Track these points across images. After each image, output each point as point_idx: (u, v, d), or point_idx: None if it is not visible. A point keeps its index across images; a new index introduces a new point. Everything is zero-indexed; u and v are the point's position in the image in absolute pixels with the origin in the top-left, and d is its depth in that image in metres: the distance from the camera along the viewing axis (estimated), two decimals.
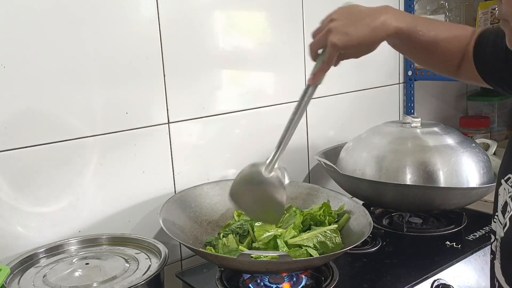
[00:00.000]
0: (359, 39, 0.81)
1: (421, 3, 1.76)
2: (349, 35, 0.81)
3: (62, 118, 1.04)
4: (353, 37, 0.81)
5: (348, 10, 0.85)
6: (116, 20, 1.09)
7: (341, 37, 0.81)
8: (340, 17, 0.84)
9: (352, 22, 0.82)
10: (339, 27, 0.82)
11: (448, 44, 0.87)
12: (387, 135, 1.29)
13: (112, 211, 1.14)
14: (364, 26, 0.81)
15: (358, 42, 0.81)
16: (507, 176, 0.72)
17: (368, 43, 0.82)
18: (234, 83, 1.33)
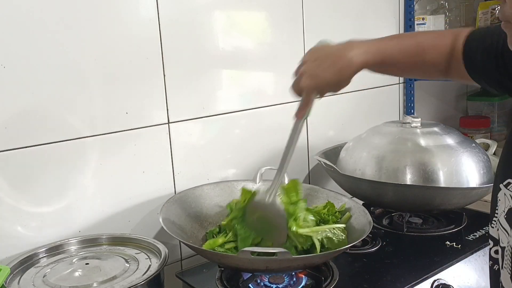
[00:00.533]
0: (328, 80, 0.87)
1: (421, 3, 1.76)
2: (318, 77, 0.87)
3: (62, 118, 1.04)
4: (322, 79, 0.87)
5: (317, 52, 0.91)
6: (116, 20, 1.09)
7: (311, 80, 0.87)
8: (310, 60, 0.89)
9: (320, 65, 0.88)
10: (309, 71, 0.88)
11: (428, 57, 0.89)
12: (387, 135, 1.29)
13: (112, 211, 1.14)
14: (331, 67, 0.87)
15: (327, 82, 0.88)
16: (506, 181, 0.72)
17: (338, 82, 0.88)
18: (234, 83, 1.33)
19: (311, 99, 0.90)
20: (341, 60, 0.87)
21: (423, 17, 1.71)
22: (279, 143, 1.43)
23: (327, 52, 0.90)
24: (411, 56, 0.90)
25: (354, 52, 0.87)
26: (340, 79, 0.88)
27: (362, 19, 1.61)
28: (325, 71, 0.87)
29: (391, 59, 0.90)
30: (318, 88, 0.89)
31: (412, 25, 1.73)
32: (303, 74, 0.88)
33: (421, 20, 1.71)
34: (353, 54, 0.87)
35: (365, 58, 0.87)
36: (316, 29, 1.47)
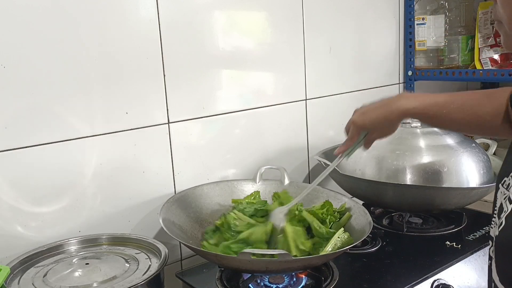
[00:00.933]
0: (374, 119, 0.96)
1: (421, 3, 1.76)
2: (366, 115, 0.97)
3: (62, 118, 1.04)
4: (369, 117, 0.97)
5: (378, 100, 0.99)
6: (116, 20, 1.09)
7: (359, 117, 0.98)
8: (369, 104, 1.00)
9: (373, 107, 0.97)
10: (360, 110, 0.99)
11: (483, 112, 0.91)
12: None
13: (112, 211, 1.14)
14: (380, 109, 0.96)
15: (372, 121, 0.96)
16: (503, 180, 0.74)
17: (382, 123, 0.96)
18: (234, 83, 1.33)
19: (355, 135, 0.99)
20: (389, 105, 0.94)
21: (423, 17, 1.71)
22: (279, 143, 1.44)
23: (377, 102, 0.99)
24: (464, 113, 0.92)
25: (403, 99, 0.94)
26: (385, 121, 0.95)
27: (362, 19, 1.62)
28: (374, 110, 0.96)
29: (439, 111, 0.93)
30: (364, 125, 0.97)
31: (412, 25, 1.73)
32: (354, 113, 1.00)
33: (421, 20, 1.71)
34: (402, 100, 0.94)
35: (412, 104, 0.92)
36: (316, 29, 1.47)
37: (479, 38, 1.66)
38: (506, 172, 0.74)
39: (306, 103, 1.49)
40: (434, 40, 1.72)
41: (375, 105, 0.97)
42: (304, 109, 1.49)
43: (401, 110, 0.93)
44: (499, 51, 1.63)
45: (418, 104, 0.92)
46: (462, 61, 1.71)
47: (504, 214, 0.70)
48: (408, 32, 1.74)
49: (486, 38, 1.65)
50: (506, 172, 0.74)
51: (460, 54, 1.72)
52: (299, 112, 1.48)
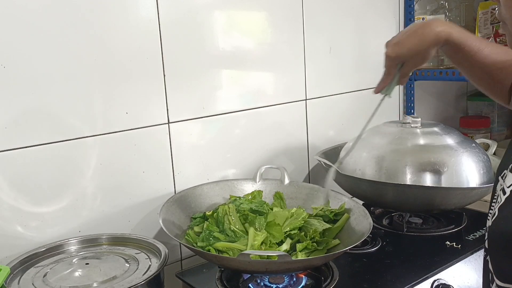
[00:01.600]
0: (409, 47, 0.91)
1: (421, 3, 1.76)
2: (400, 45, 0.92)
3: (62, 118, 1.04)
4: (403, 46, 0.92)
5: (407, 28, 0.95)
6: (116, 20, 1.09)
7: (393, 48, 0.93)
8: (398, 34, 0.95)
9: (405, 35, 0.93)
10: (394, 41, 0.94)
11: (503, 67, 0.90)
12: (387, 135, 1.29)
13: (112, 211, 1.14)
14: (414, 35, 0.91)
15: (408, 49, 0.91)
16: (503, 172, 0.74)
17: (419, 50, 0.91)
18: (234, 83, 1.33)
19: (392, 69, 0.94)
20: (424, 29, 0.90)
21: (423, 17, 1.71)
22: (279, 143, 1.44)
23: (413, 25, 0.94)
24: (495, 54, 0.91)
25: (439, 25, 0.90)
26: (421, 47, 0.91)
27: (362, 19, 1.62)
28: (408, 38, 0.91)
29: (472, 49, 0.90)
30: (399, 55, 0.92)
31: None
32: (388, 45, 0.94)
33: (421, 20, 1.71)
34: (437, 26, 0.90)
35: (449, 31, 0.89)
36: (316, 29, 1.47)
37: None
38: (506, 165, 0.74)
39: (306, 103, 1.49)
40: None
41: (407, 33, 0.93)
42: (304, 109, 1.49)
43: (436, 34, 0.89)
44: None
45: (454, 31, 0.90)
46: None
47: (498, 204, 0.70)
48: None
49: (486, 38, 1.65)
50: (506, 165, 0.74)
51: None
52: (299, 112, 1.48)
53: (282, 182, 1.26)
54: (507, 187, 0.69)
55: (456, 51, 0.93)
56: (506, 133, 2.03)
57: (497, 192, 0.74)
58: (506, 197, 0.68)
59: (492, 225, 0.70)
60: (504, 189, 0.70)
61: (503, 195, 0.69)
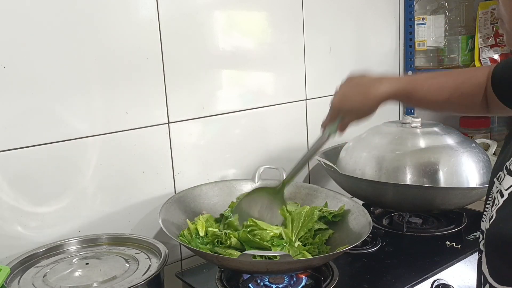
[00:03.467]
0: (353, 102, 0.97)
1: (421, 3, 1.76)
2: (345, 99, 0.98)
3: (62, 118, 1.04)
4: (348, 101, 0.97)
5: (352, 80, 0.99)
6: (116, 20, 1.09)
7: (338, 99, 0.99)
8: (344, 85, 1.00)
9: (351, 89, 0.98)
10: (340, 92, 0.99)
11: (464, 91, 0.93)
12: (387, 135, 1.29)
13: (112, 211, 1.14)
14: (359, 92, 0.96)
15: (350, 106, 0.97)
16: (498, 174, 0.74)
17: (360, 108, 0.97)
18: (234, 83, 1.33)
19: (335, 117, 1.00)
20: (368, 89, 0.95)
21: (423, 17, 1.71)
22: (279, 143, 1.44)
23: (360, 81, 0.98)
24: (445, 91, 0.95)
25: (383, 83, 0.95)
26: (363, 105, 0.96)
27: (362, 19, 1.62)
28: (352, 94, 0.97)
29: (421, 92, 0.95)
30: (342, 108, 0.98)
31: (412, 25, 1.73)
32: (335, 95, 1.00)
33: (421, 20, 1.72)
34: (381, 85, 0.95)
35: (391, 89, 0.94)
36: (316, 29, 1.47)
37: (479, 38, 1.66)
38: (500, 166, 0.74)
39: (306, 103, 1.49)
40: (434, 40, 1.72)
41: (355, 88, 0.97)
42: (304, 109, 1.49)
43: (379, 96, 0.94)
44: (499, 51, 1.63)
45: (396, 89, 0.94)
46: (462, 61, 1.71)
47: (496, 207, 0.70)
48: (408, 32, 1.74)
49: (486, 38, 1.65)
50: (500, 166, 0.74)
51: (460, 54, 1.72)
52: (299, 112, 1.48)
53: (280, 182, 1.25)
54: (505, 189, 0.69)
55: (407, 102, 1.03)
56: (506, 133, 2.02)
57: (493, 194, 0.74)
58: (504, 200, 0.68)
59: (490, 228, 0.70)
60: (501, 191, 0.69)
61: (501, 198, 0.69)
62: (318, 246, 1.07)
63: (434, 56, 1.78)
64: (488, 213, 0.74)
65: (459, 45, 1.72)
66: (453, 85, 0.94)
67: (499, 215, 0.68)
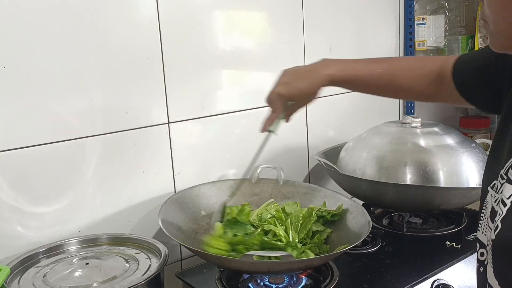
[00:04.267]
0: (299, 88, 0.96)
1: (421, 3, 1.76)
2: (290, 85, 0.96)
3: (62, 118, 1.04)
4: (291, 86, 0.96)
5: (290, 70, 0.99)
6: (116, 20, 1.09)
7: (281, 87, 0.96)
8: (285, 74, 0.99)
9: (293, 76, 0.97)
10: (283, 80, 0.97)
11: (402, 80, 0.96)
12: (387, 135, 1.29)
13: (112, 211, 1.14)
14: (301, 77, 0.96)
15: (299, 90, 0.96)
16: (492, 183, 0.73)
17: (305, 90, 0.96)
18: (234, 83, 1.33)
19: (279, 107, 0.98)
20: (310, 72, 0.96)
21: (423, 17, 1.71)
22: (279, 143, 1.44)
23: (299, 69, 0.99)
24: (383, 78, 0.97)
25: (324, 67, 0.96)
26: (307, 88, 0.96)
27: (362, 19, 1.62)
28: (295, 80, 0.96)
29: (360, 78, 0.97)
30: (291, 94, 0.96)
31: (412, 25, 1.73)
32: (277, 84, 0.97)
33: (421, 20, 1.72)
34: (322, 68, 0.96)
35: (332, 72, 0.95)
36: (316, 29, 1.47)
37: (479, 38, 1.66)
38: (494, 175, 0.73)
39: None
40: (434, 40, 1.72)
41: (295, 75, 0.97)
42: (304, 109, 1.49)
43: (324, 77, 0.95)
44: None
45: (339, 71, 0.95)
46: None
47: (499, 217, 0.69)
48: (408, 32, 1.75)
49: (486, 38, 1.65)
50: (494, 175, 0.73)
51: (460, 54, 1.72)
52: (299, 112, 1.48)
53: (278, 181, 1.26)
54: (507, 198, 0.68)
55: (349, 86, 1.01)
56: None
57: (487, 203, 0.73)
58: (507, 209, 0.67)
59: (496, 238, 0.69)
60: (503, 200, 0.69)
61: (503, 207, 0.68)
62: (318, 245, 1.07)
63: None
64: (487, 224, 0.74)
65: (459, 45, 1.72)
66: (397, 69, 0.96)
67: (504, 225, 0.68)
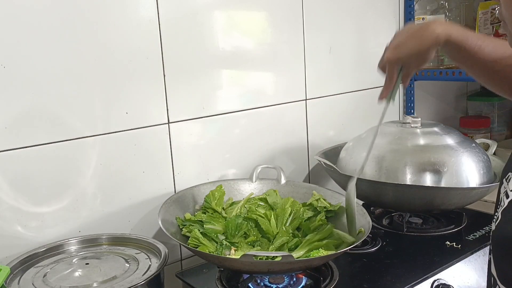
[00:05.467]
0: (409, 49, 0.91)
1: (421, 3, 1.76)
2: (400, 48, 0.92)
3: (62, 118, 1.04)
4: (404, 49, 0.91)
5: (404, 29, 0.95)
6: (116, 20, 1.09)
7: (393, 51, 0.92)
8: (396, 36, 0.95)
9: (405, 37, 0.92)
10: (393, 44, 0.93)
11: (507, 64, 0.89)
12: (387, 135, 1.29)
13: (112, 211, 1.14)
14: (413, 37, 0.91)
15: (409, 52, 0.91)
16: (507, 175, 0.73)
17: (418, 52, 0.91)
18: (234, 83, 1.33)
19: (394, 73, 0.93)
20: (423, 31, 0.89)
21: (423, 17, 1.71)
22: (279, 143, 1.44)
23: (410, 28, 0.93)
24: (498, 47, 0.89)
25: (439, 26, 0.89)
26: (421, 48, 0.90)
27: (362, 19, 1.62)
28: (407, 41, 0.91)
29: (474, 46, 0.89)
30: (400, 58, 0.92)
31: None
32: (388, 48, 0.93)
33: (421, 20, 1.71)
34: (437, 26, 0.89)
35: (449, 31, 0.88)
36: (316, 29, 1.47)
37: None
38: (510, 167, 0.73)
39: (306, 103, 1.49)
40: None
41: (406, 35, 0.92)
42: (304, 109, 1.49)
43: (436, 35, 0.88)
44: None
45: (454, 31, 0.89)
46: None
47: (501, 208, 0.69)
48: None
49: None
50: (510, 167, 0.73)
51: None
52: (299, 112, 1.48)
53: (278, 181, 1.26)
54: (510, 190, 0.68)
55: (457, 51, 0.92)
56: (506, 133, 2.03)
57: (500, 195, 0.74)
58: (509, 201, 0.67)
59: (495, 230, 0.70)
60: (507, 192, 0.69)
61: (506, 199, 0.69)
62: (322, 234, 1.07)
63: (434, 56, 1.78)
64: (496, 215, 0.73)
65: None
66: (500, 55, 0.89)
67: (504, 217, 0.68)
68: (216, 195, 1.17)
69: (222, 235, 1.08)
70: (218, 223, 1.09)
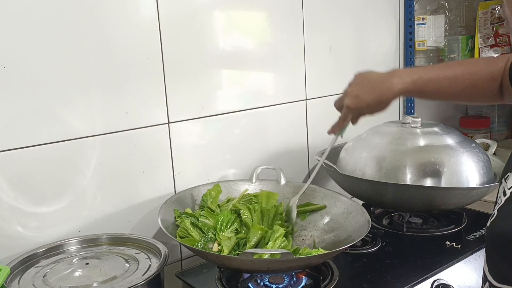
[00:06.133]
0: (368, 101, 0.96)
1: (421, 3, 1.76)
2: (359, 98, 0.97)
3: (62, 118, 1.04)
4: (363, 100, 0.97)
5: (362, 77, 1.00)
6: (116, 20, 1.09)
7: (353, 100, 0.98)
8: (355, 83, 1.00)
9: (364, 88, 0.97)
10: (353, 92, 0.98)
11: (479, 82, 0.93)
12: (387, 135, 1.29)
13: (112, 211, 1.14)
14: (374, 90, 0.95)
15: (367, 104, 0.97)
16: (507, 174, 0.74)
17: (378, 104, 0.96)
18: (234, 83, 1.33)
19: (348, 117, 1.01)
20: (382, 85, 0.95)
21: (423, 17, 1.71)
22: (279, 143, 1.44)
23: (371, 77, 0.98)
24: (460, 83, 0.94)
25: (396, 79, 0.94)
26: (379, 103, 0.96)
27: (362, 19, 1.62)
28: (366, 93, 0.96)
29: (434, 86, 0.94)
30: (358, 108, 0.98)
31: (412, 25, 1.73)
32: (347, 95, 0.99)
33: (421, 20, 1.72)
34: (394, 80, 0.94)
35: (405, 85, 0.93)
36: (316, 29, 1.47)
37: (479, 38, 1.66)
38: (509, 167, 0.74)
39: (306, 103, 1.49)
40: (434, 40, 1.72)
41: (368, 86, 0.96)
42: (304, 109, 1.49)
43: (395, 90, 0.94)
44: (499, 51, 1.63)
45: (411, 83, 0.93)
46: None
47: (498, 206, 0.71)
48: (408, 32, 1.75)
49: (486, 38, 1.65)
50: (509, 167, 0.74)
51: (460, 54, 1.72)
52: (299, 112, 1.48)
53: (278, 182, 1.25)
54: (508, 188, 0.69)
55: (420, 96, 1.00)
56: (506, 133, 2.03)
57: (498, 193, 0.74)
58: (506, 199, 0.69)
59: (490, 226, 0.71)
60: (505, 190, 0.70)
61: (503, 197, 0.70)
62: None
63: (434, 56, 1.78)
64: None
65: (459, 45, 1.72)
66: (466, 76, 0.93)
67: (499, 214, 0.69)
68: (212, 194, 1.17)
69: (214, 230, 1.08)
70: (213, 218, 1.10)
